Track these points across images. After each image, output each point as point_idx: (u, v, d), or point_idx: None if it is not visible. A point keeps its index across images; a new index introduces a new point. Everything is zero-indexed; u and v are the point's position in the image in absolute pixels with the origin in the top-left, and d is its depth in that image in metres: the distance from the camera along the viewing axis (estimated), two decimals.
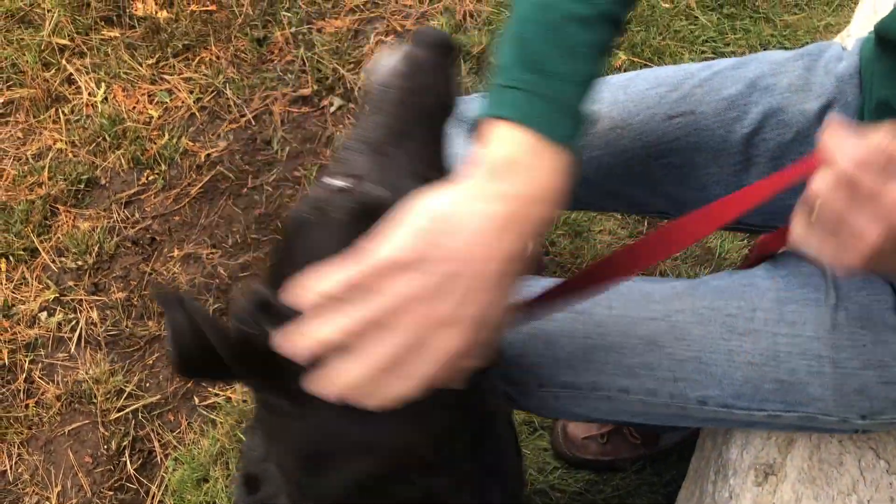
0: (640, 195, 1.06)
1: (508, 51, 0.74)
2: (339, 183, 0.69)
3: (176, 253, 1.82)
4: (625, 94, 1.04)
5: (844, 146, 0.60)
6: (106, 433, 1.64)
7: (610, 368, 0.94)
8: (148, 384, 1.70)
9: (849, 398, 0.91)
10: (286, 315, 0.65)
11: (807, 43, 1.35)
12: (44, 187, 1.86)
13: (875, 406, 0.91)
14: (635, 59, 2.07)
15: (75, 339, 1.72)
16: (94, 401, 1.66)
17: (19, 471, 1.62)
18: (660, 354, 0.93)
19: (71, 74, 2.01)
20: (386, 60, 0.75)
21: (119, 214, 1.85)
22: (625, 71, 2.04)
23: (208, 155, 1.92)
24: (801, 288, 0.94)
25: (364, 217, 0.66)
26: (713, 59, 2.12)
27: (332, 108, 2.00)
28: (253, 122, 1.97)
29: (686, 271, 1.77)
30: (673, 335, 0.93)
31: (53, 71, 2.01)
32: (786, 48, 2.16)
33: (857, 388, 0.90)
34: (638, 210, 1.09)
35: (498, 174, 0.66)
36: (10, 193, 1.86)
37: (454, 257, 0.63)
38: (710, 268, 1.78)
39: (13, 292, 1.77)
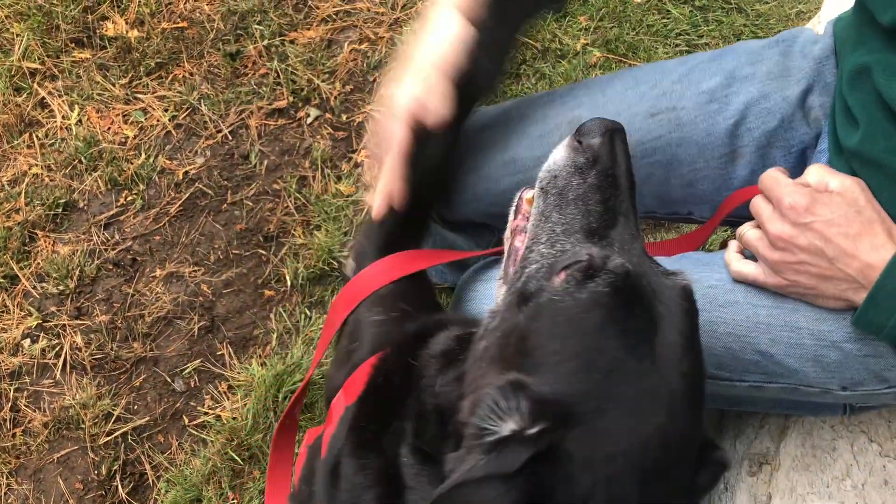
0: None
1: None
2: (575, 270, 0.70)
3: (158, 273, 1.80)
4: (604, 96, 1.04)
5: (778, 189, 0.70)
6: (96, 458, 1.62)
7: None
8: (136, 406, 1.68)
9: (829, 369, 0.91)
10: None
11: (779, 31, 1.36)
12: (21, 213, 1.84)
13: (856, 377, 0.92)
14: (610, 56, 2.07)
15: (60, 364, 1.70)
16: (82, 426, 1.64)
17: (9, 501, 1.60)
18: None
19: (43, 98, 1.99)
20: (563, 156, 0.80)
21: (99, 237, 1.84)
22: (600, 67, 2.05)
23: (186, 172, 1.91)
24: None
25: (622, 295, 0.68)
26: (688, 51, 2.14)
27: (309, 119, 1.99)
28: (230, 137, 1.96)
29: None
30: None
31: (25, 95, 1.99)
32: (759, 37, 2.18)
33: (837, 360, 0.90)
34: None
35: None
36: None
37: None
38: None
39: None
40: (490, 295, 0.99)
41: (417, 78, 0.89)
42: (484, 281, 1.03)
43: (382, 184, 0.93)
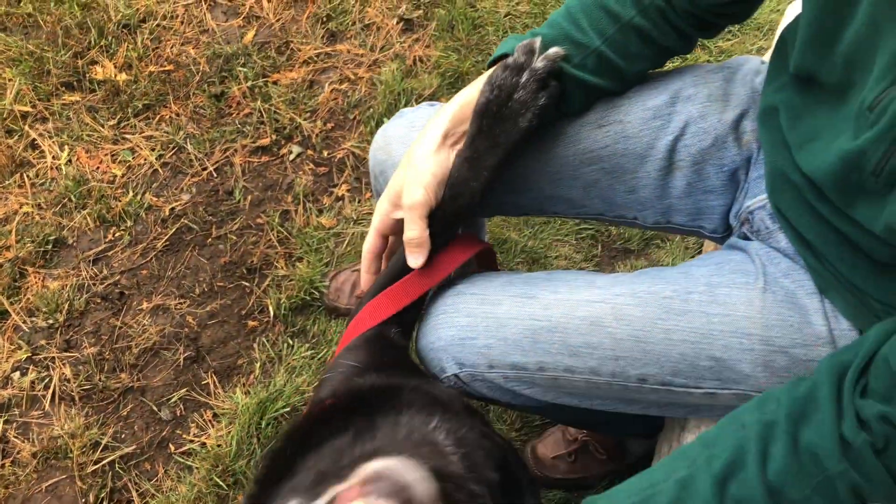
0: (576, 197, 1.13)
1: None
2: None
3: (145, 305, 1.86)
4: (556, 108, 1.11)
5: None
6: (83, 486, 1.66)
7: (555, 348, 1.01)
8: (123, 435, 1.73)
9: (779, 375, 0.97)
10: None
11: None
12: (11, 250, 1.90)
13: None
14: None
15: (49, 396, 1.75)
16: (70, 455, 1.68)
17: None
18: (601, 334, 0.99)
19: (34, 139, 2.06)
20: None
21: (87, 272, 1.89)
22: None
23: (172, 208, 1.98)
24: (731, 273, 1.01)
25: None
26: None
27: (291, 156, 2.06)
28: (215, 174, 2.03)
29: None
30: (613, 315, 1.00)
31: (17, 137, 2.06)
32: None
33: (786, 366, 0.96)
34: (577, 213, 1.16)
35: None
36: None
37: None
38: None
39: None
40: (458, 308, 1.05)
41: (399, 193, 1.02)
42: (454, 296, 1.09)
43: (362, 272, 1.12)
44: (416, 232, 1.01)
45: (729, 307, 0.98)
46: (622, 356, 0.99)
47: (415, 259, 1.03)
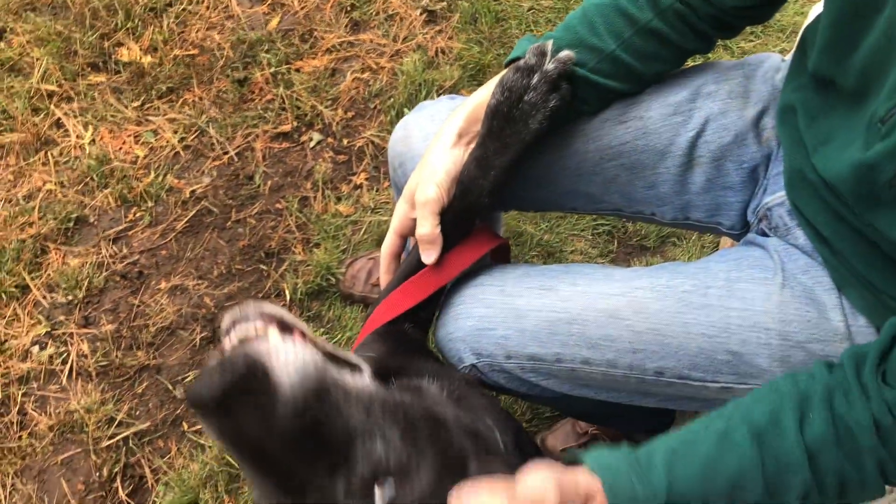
0: (595, 192, 1.14)
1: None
2: None
3: (163, 285, 1.88)
4: (572, 109, 1.12)
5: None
6: (98, 461, 1.68)
7: (573, 340, 1.01)
8: (138, 412, 1.75)
9: (795, 370, 0.97)
10: None
11: None
12: (34, 227, 1.93)
13: None
14: None
15: (66, 371, 1.78)
16: (86, 430, 1.70)
17: (13, 500, 1.66)
18: (619, 326, 1.00)
19: (59, 119, 2.09)
20: None
21: (108, 250, 1.92)
22: None
23: (193, 191, 2.00)
24: (750, 269, 1.02)
25: None
26: None
27: (312, 143, 2.08)
28: (235, 159, 2.05)
29: None
30: (632, 308, 1.00)
31: (42, 116, 2.09)
32: None
33: (803, 361, 0.97)
34: (595, 208, 1.17)
35: None
36: (1, 234, 1.92)
37: None
38: None
39: (5, 328, 1.82)
40: (478, 298, 1.07)
41: (413, 195, 1.04)
42: (473, 287, 1.10)
43: (381, 273, 1.14)
44: (427, 228, 1.02)
45: (747, 302, 0.99)
46: (640, 349, 1.00)
47: (427, 255, 1.04)
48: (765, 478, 0.80)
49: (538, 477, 0.74)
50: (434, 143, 1.05)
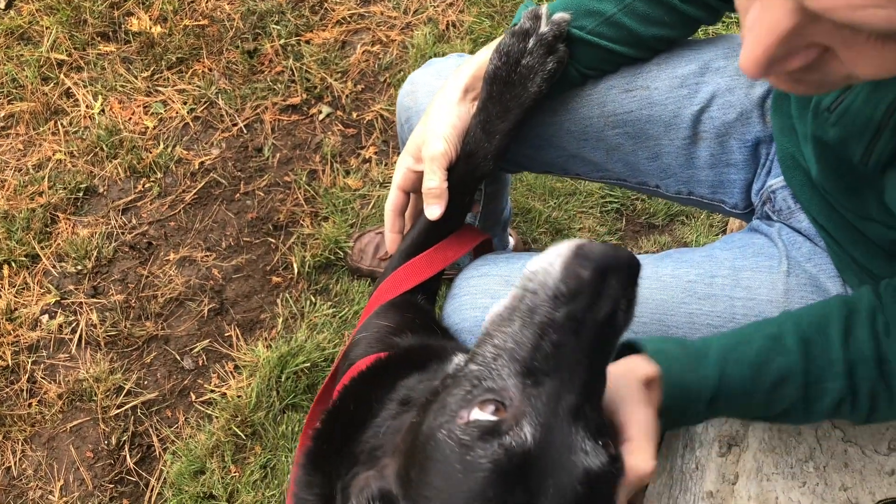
0: (599, 159, 1.14)
1: None
2: (485, 417, 0.65)
3: (172, 256, 1.89)
4: (577, 72, 1.11)
5: None
6: (106, 429, 1.70)
7: None
8: (146, 382, 1.77)
9: None
10: None
11: None
12: (44, 196, 1.93)
13: None
14: None
15: (76, 340, 1.79)
16: (95, 398, 1.72)
17: (23, 467, 1.68)
18: None
19: (69, 88, 2.09)
20: (551, 273, 0.69)
21: (117, 221, 1.93)
22: None
23: (202, 162, 2.00)
24: (755, 257, 1.02)
25: (511, 471, 0.63)
26: None
27: (321, 116, 2.07)
28: (244, 131, 2.05)
29: None
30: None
31: (52, 85, 2.09)
32: None
33: None
34: (600, 176, 1.17)
35: None
36: (11, 202, 1.93)
37: None
38: None
39: (15, 297, 1.83)
40: (483, 289, 1.07)
41: (420, 146, 1.04)
42: (478, 277, 1.10)
43: (386, 230, 1.13)
44: (435, 182, 1.02)
45: (752, 291, 0.99)
46: None
47: (432, 210, 1.04)
48: (806, 381, 0.85)
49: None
50: (439, 98, 1.04)
